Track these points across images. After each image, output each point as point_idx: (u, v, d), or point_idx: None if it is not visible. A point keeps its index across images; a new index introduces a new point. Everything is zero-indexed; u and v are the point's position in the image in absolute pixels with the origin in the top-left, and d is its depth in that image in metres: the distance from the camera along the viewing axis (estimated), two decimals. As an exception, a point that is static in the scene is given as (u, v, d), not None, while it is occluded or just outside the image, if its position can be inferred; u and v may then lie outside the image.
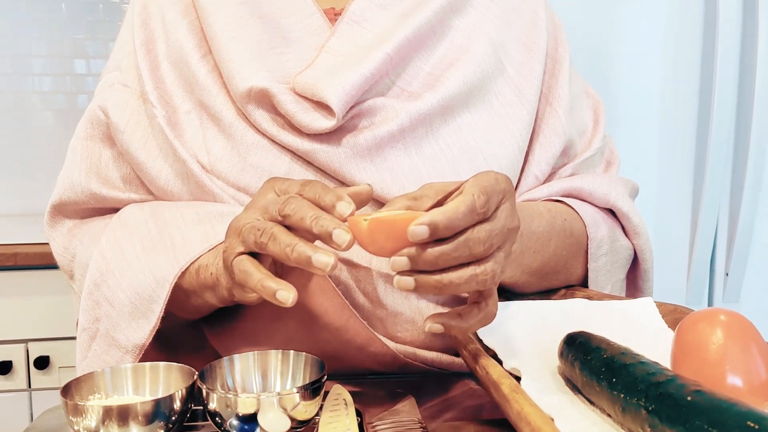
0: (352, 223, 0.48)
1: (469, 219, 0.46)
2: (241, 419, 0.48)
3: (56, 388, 1.46)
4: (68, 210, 0.74)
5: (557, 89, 0.76)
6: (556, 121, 0.75)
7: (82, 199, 0.72)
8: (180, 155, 0.66)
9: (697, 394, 0.37)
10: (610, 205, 0.75)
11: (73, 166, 0.72)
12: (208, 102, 0.68)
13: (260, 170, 0.65)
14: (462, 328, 0.50)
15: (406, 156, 0.67)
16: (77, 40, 1.88)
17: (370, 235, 0.47)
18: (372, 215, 0.48)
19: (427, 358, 0.65)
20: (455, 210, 0.45)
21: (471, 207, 0.45)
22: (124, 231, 0.66)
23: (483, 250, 0.46)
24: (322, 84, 0.64)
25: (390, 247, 0.47)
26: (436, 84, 0.69)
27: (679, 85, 1.38)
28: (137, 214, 0.68)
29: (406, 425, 0.51)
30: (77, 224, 0.74)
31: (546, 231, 0.66)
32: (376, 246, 0.48)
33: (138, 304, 0.60)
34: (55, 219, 0.74)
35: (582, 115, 0.80)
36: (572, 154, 0.78)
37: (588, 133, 0.80)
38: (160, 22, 0.72)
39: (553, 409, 0.44)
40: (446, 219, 0.45)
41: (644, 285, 0.78)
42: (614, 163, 0.83)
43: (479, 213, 0.46)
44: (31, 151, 1.88)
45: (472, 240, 0.46)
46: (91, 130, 0.72)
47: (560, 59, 0.78)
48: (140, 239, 0.64)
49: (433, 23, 0.71)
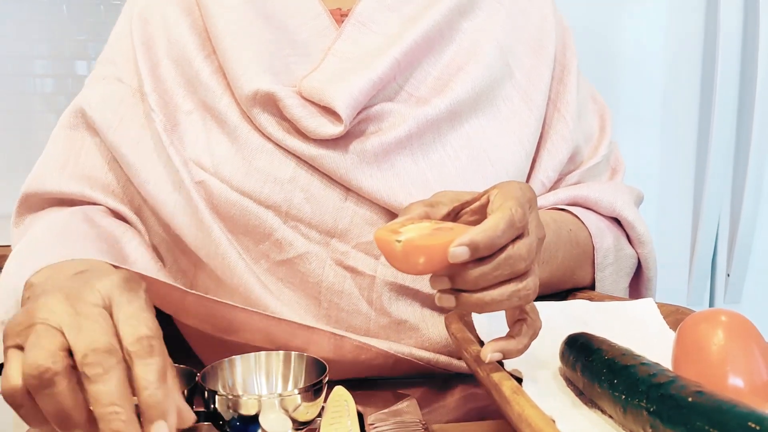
0: (383, 242, 0.45)
1: (509, 235, 0.44)
2: (243, 420, 0.48)
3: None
4: (36, 201, 0.71)
5: (565, 95, 0.75)
6: (564, 127, 0.74)
7: (50, 191, 0.69)
8: (173, 163, 0.65)
9: (699, 395, 0.37)
10: (616, 214, 0.74)
11: (49, 157, 0.71)
12: (211, 103, 0.66)
13: (265, 174, 0.64)
14: (519, 349, 0.47)
15: (413, 162, 0.66)
16: (79, 42, 1.89)
17: (405, 258, 0.44)
18: (403, 235, 0.44)
19: (423, 357, 0.65)
20: (495, 228, 0.43)
21: (510, 222, 0.43)
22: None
23: (525, 266, 0.45)
24: (329, 89, 0.63)
25: (425, 268, 0.45)
26: (445, 89, 0.68)
27: (680, 86, 1.38)
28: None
29: (408, 426, 0.51)
30: (36, 217, 0.71)
31: (553, 242, 0.66)
32: (409, 267, 0.45)
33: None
34: (21, 212, 0.71)
35: (589, 121, 0.80)
36: (579, 161, 0.78)
37: (594, 140, 0.80)
38: (160, 20, 0.70)
39: (555, 410, 0.44)
40: (487, 238, 0.43)
41: (647, 293, 0.78)
42: (620, 170, 0.82)
43: (518, 228, 0.44)
44: (33, 152, 1.87)
45: (513, 257, 0.44)
46: (74, 120, 0.71)
47: (568, 64, 0.77)
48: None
49: (441, 26, 0.69)
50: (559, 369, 0.53)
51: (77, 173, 0.70)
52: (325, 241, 0.64)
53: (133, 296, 0.43)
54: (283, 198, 0.63)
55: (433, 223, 0.47)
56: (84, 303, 0.42)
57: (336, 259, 0.64)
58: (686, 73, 1.38)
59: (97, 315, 0.41)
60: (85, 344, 0.39)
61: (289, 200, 0.63)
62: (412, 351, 0.65)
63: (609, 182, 0.79)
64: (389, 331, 0.65)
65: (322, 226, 0.64)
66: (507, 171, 0.69)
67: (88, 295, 0.42)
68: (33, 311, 0.41)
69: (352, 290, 0.64)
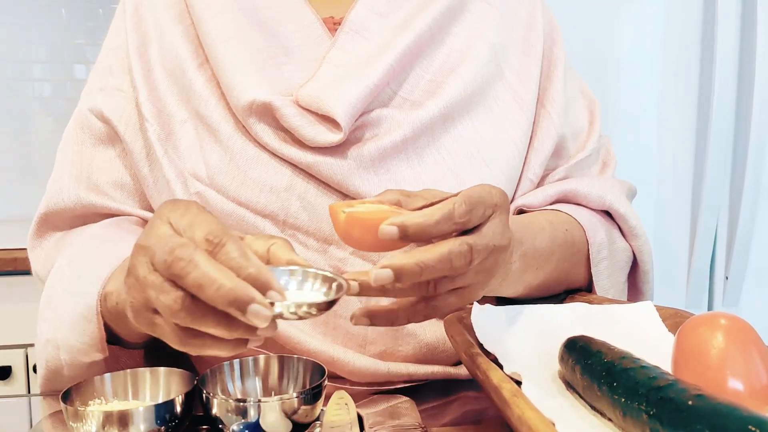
0: (332, 211, 0.49)
1: (444, 227, 0.45)
2: (242, 424, 0.48)
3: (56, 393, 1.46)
4: (57, 219, 0.71)
5: (550, 90, 0.76)
6: (548, 123, 0.74)
7: (70, 206, 0.69)
8: (165, 174, 0.64)
9: (698, 399, 0.37)
10: (606, 207, 0.74)
11: (62, 173, 0.70)
12: (205, 113, 0.66)
13: (260, 184, 0.63)
14: (418, 223, 0.46)
15: (408, 166, 0.66)
16: (77, 46, 1.89)
17: (345, 228, 0.47)
18: (352, 209, 0.47)
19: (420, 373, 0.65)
20: (428, 216, 0.45)
21: (447, 215, 0.45)
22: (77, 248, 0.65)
23: (463, 264, 0.46)
24: (326, 97, 0.63)
25: (365, 243, 0.47)
26: (437, 91, 0.69)
27: (678, 88, 1.39)
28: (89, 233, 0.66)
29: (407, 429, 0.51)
30: (65, 234, 0.71)
31: (548, 246, 0.65)
32: (348, 237, 0.48)
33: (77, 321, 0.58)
34: (42, 231, 0.71)
35: (577, 115, 0.79)
36: (566, 156, 0.77)
37: (583, 134, 0.79)
38: (153, 25, 0.70)
39: (554, 413, 0.44)
40: (416, 224, 0.45)
41: (645, 287, 0.77)
42: (610, 164, 0.82)
43: (457, 222, 0.46)
44: (32, 156, 1.88)
45: (453, 252, 0.45)
46: (82, 134, 0.71)
47: (555, 60, 0.77)
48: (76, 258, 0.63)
49: (433, 31, 0.70)
50: (558, 372, 0.53)
51: (93, 185, 0.70)
52: (322, 248, 0.64)
53: (183, 210, 0.43)
54: (279, 207, 0.63)
55: (393, 208, 0.49)
56: (151, 235, 0.42)
57: (334, 266, 0.64)
58: (684, 76, 1.39)
59: (163, 234, 0.42)
60: (161, 254, 0.40)
61: (286, 209, 0.63)
62: (408, 369, 0.64)
63: (598, 176, 0.78)
64: (387, 338, 0.65)
65: (319, 233, 0.64)
66: (502, 170, 0.69)
67: (154, 226, 0.43)
68: (131, 286, 0.43)
69: (349, 297, 0.63)
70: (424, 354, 0.66)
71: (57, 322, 0.59)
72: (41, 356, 0.61)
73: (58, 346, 0.59)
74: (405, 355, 0.65)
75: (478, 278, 0.49)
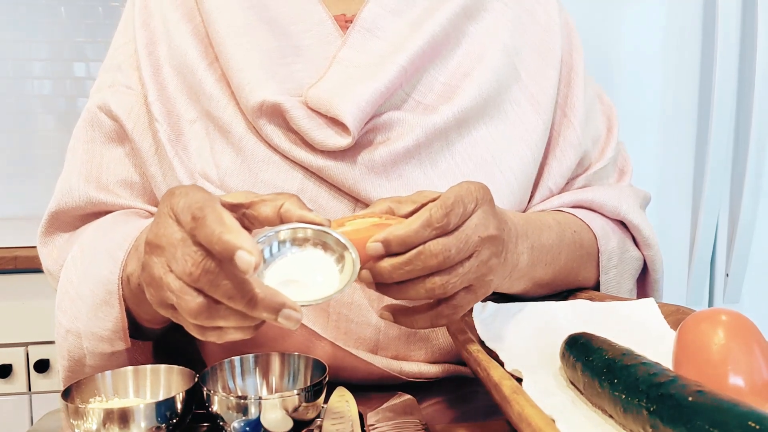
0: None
1: (424, 234, 0.47)
2: (243, 421, 0.48)
3: (56, 391, 1.46)
4: (67, 217, 0.70)
5: (572, 99, 0.75)
6: (571, 133, 0.73)
7: (81, 205, 0.69)
8: (176, 175, 0.64)
9: (699, 395, 0.36)
10: (621, 217, 0.74)
11: (72, 171, 0.70)
12: (216, 113, 0.65)
13: (272, 187, 0.62)
14: (398, 235, 0.48)
15: (421, 172, 0.65)
16: (77, 44, 1.89)
17: None
18: (343, 227, 0.49)
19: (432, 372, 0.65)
20: (408, 227, 0.47)
21: (426, 223, 0.47)
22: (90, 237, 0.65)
23: (437, 262, 0.47)
24: (335, 99, 0.61)
25: (360, 260, 0.48)
26: (452, 96, 0.67)
27: (679, 87, 1.38)
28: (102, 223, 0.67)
29: (408, 427, 0.51)
30: (75, 232, 0.71)
31: (556, 243, 0.65)
32: None
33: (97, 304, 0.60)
34: (53, 229, 0.71)
35: (596, 123, 0.79)
36: (586, 164, 0.77)
37: (601, 141, 0.79)
38: (161, 23, 0.68)
39: (555, 410, 0.44)
40: (398, 237, 0.47)
41: (654, 295, 0.78)
42: (627, 170, 0.82)
43: (436, 228, 0.47)
44: (32, 154, 1.89)
45: (424, 254, 0.47)
46: (92, 132, 0.70)
47: (575, 66, 0.76)
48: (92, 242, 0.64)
49: (447, 31, 0.68)
50: (559, 369, 0.53)
51: (102, 184, 0.69)
52: None
53: (182, 196, 0.45)
54: None
55: (383, 219, 0.50)
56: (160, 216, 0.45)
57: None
58: (685, 75, 1.38)
59: (173, 237, 0.43)
60: (184, 264, 0.42)
61: None
62: (420, 368, 0.65)
63: (614, 185, 0.78)
64: (399, 343, 0.64)
65: None
66: (515, 176, 0.68)
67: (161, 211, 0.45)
68: (149, 277, 0.45)
69: (361, 301, 0.63)
70: (436, 359, 0.66)
71: (75, 311, 0.60)
72: (62, 348, 0.61)
73: (79, 335, 0.60)
74: (417, 361, 0.65)
75: (480, 271, 0.50)
